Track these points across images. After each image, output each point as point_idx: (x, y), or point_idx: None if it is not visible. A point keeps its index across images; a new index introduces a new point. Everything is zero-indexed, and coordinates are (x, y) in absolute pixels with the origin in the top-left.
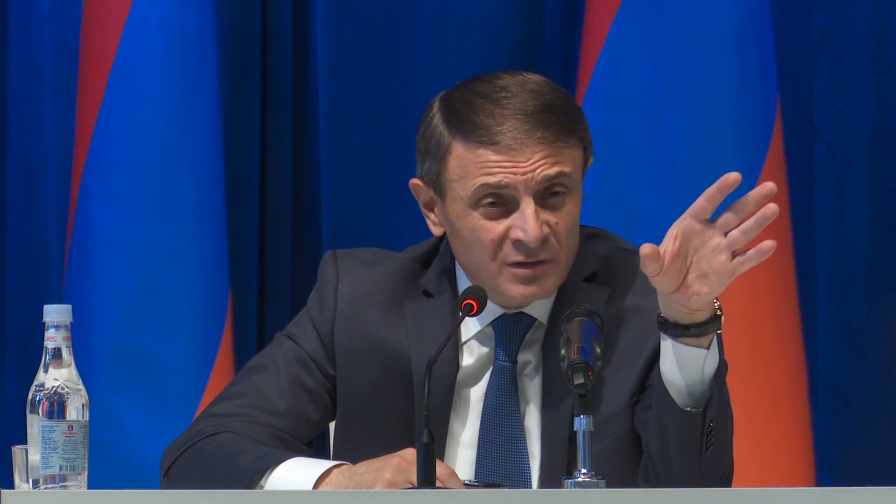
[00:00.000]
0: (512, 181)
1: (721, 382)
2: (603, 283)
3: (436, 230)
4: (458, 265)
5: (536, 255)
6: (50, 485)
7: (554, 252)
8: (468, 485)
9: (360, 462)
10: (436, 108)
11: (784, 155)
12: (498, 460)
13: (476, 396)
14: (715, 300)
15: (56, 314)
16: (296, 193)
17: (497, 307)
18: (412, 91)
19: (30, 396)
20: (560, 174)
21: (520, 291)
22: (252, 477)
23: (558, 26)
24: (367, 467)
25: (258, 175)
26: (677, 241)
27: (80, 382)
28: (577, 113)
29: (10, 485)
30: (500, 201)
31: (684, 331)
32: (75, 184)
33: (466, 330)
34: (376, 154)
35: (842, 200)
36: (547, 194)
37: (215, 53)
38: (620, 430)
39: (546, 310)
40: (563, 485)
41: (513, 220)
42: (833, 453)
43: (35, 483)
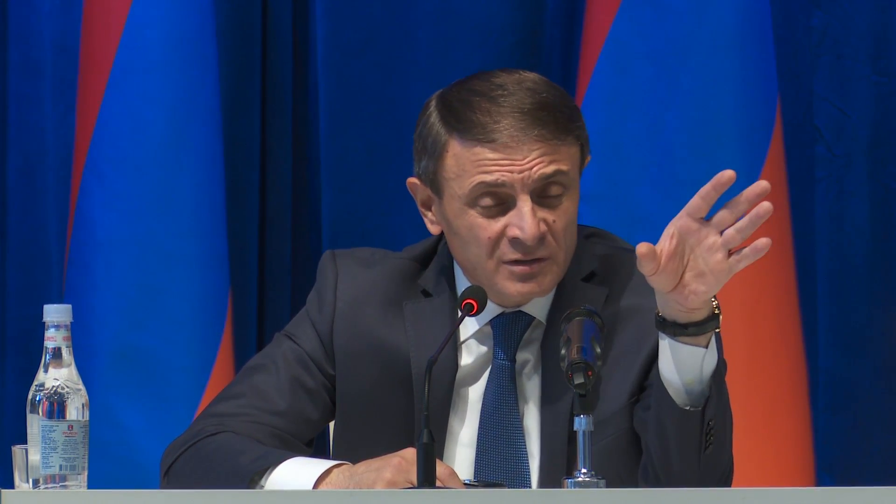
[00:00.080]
0: (509, 179)
1: (720, 381)
2: (601, 283)
3: (433, 229)
4: (457, 264)
5: (534, 253)
6: (50, 485)
7: (551, 250)
8: (468, 485)
9: (360, 462)
10: (433, 107)
11: (784, 155)
12: (497, 460)
13: (475, 395)
14: (713, 299)
15: (56, 314)
16: (296, 193)
17: (495, 306)
18: (412, 91)
19: (30, 396)
20: (557, 172)
21: (517, 289)
22: (252, 477)
23: (558, 26)
24: (368, 467)
25: (258, 175)
26: (674, 240)
27: (80, 382)
28: (574, 111)
29: (10, 485)
30: (498, 199)
31: (682, 330)
32: (75, 184)
33: (465, 329)
34: (376, 154)
35: (842, 200)
36: (544, 192)
37: (215, 53)
38: (619, 430)
39: (544, 308)
40: (564, 485)
41: (510, 218)
42: (833, 453)
43: (35, 483)
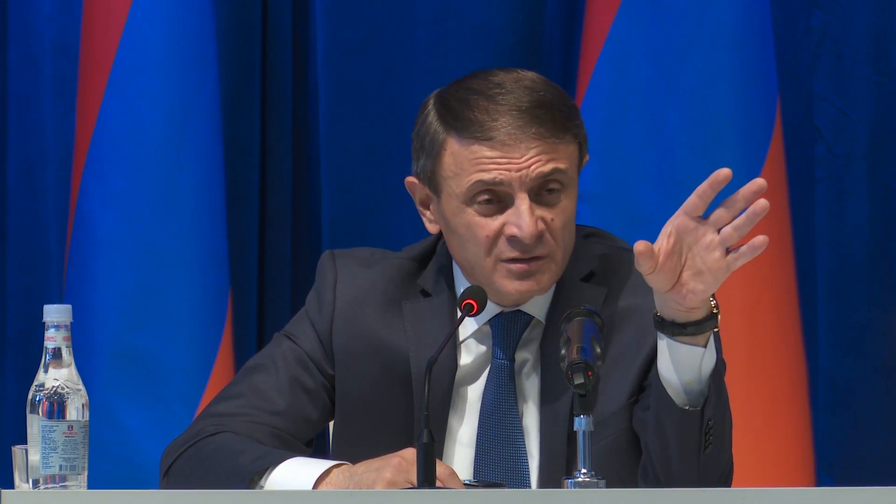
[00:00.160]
0: (506, 178)
1: (719, 381)
2: (600, 283)
3: (432, 228)
4: (456, 264)
5: (532, 252)
6: (50, 485)
7: (549, 248)
8: (468, 485)
9: (360, 462)
10: (431, 106)
11: (784, 155)
12: (496, 459)
13: (474, 395)
14: (711, 298)
15: (56, 314)
16: (296, 193)
17: (494, 305)
18: (412, 91)
19: (30, 396)
20: (555, 170)
21: (515, 287)
22: (252, 477)
23: (558, 26)
24: (367, 467)
25: (258, 175)
26: (671, 239)
27: (80, 382)
28: (572, 109)
29: (10, 485)
30: (495, 198)
31: (681, 329)
32: (75, 184)
33: (464, 329)
34: (376, 154)
35: (842, 200)
36: (542, 190)
37: (215, 53)
38: (619, 430)
39: (543, 308)
40: (564, 485)
41: (508, 217)
42: (833, 453)
43: (35, 483)
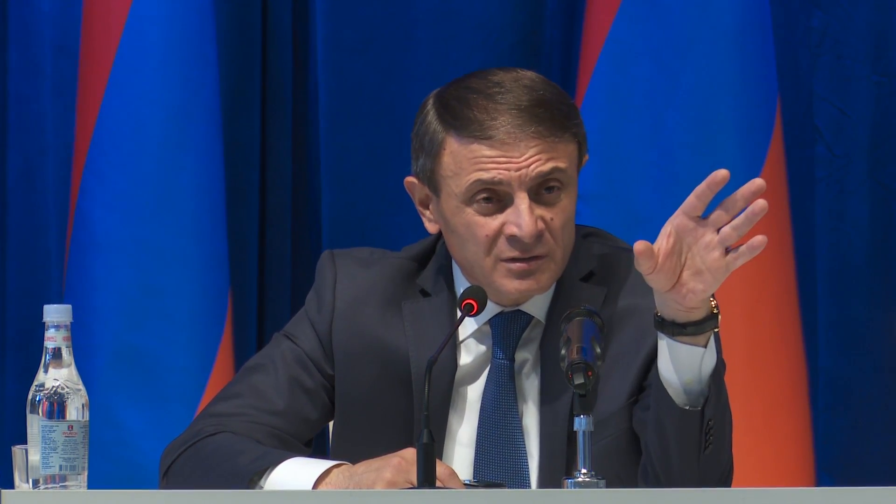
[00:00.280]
0: (506, 177)
1: (719, 381)
2: (600, 283)
3: (431, 228)
4: (455, 263)
5: (531, 251)
6: (50, 485)
7: (549, 247)
8: (468, 485)
9: (360, 462)
10: (430, 105)
11: (784, 155)
12: (496, 459)
13: (474, 395)
14: (711, 298)
15: (56, 314)
16: (296, 193)
17: (494, 305)
18: (412, 91)
19: (30, 396)
20: (554, 169)
21: (514, 286)
22: (251, 477)
23: (558, 26)
24: (367, 467)
25: (258, 175)
26: (671, 239)
27: (80, 382)
28: (572, 108)
29: (10, 485)
30: (495, 197)
31: (681, 329)
32: (75, 184)
33: (464, 328)
34: (376, 154)
35: (842, 200)
36: (541, 190)
37: (215, 53)
38: (619, 431)
39: (543, 308)
40: (564, 485)
41: (507, 216)
42: (833, 453)
43: (35, 483)
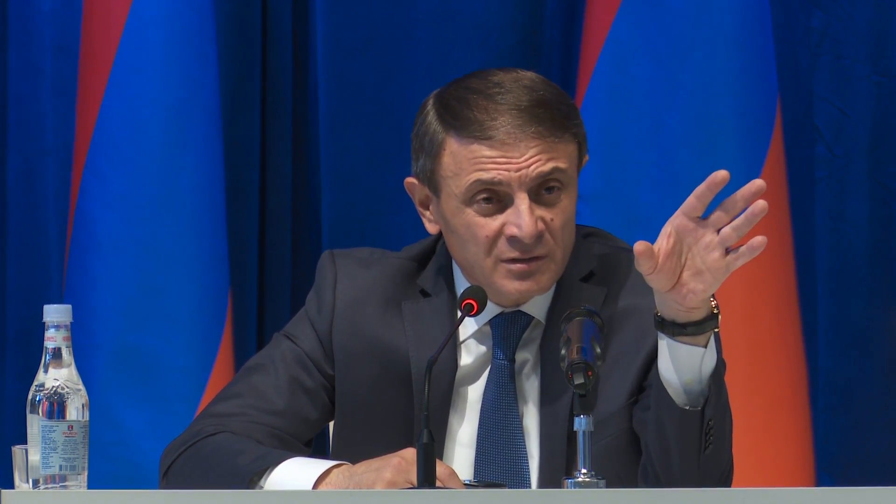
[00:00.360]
0: (506, 178)
1: (719, 381)
2: (600, 283)
3: (432, 228)
4: (455, 264)
5: (531, 252)
6: (50, 485)
7: (549, 248)
8: (468, 485)
9: (360, 462)
10: (430, 105)
11: (784, 155)
12: (496, 460)
13: (475, 395)
14: (712, 298)
15: (56, 314)
16: (296, 193)
17: (494, 306)
18: (412, 91)
19: (30, 396)
20: (555, 169)
21: (515, 287)
22: (251, 477)
23: (558, 26)
24: (367, 467)
25: (258, 175)
26: (671, 239)
27: (80, 382)
28: (572, 108)
29: (10, 485)
30: (495, 197)
31: (681, 329)
32: (75, 184)
33: (464, 329)
34: (376, 154)
35: (842, 200)
36: (541, 190)
37: (215, 53)
38: (619, 431)
39: (543, 308)
40: (564, 485)
41: (507, 217)
42: (833, 453)
43: (35, 483)
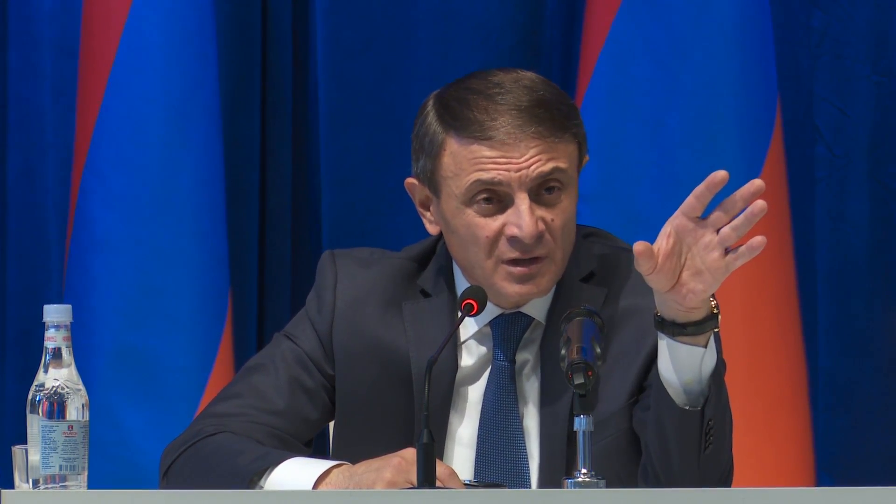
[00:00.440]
0: (506, 178)
1: (719, 381)
2: (600, 283)
3: (432, 229)
4: (455, 264)
5: (532, 252)
6: (50, 485)
7: (549, 248)
8: (468, 485)
9: (360, 462)
10: (430, 106)
11: (784, 155)
12: (496, 460)
13: (475, 396)
14: (711, 299)
15: (56, 314)
16: (296, 193)
17: (494, 307)
18: (412, 91)
19: (30, 396)
20: (555, 169)
21: (515, 290)
22: (251, 477)
23: (558, 26)
24: (367, 467)
25: (258, 175)
26: (670, 239)
27: (80, 382)
28: (572, 109)
29: (10, 485)
30: (495, 197)
31: (681, 329)
32: (75, 184)
33: (465, 330)
34: (376, 154)
35: (842, 200)
36: (542, 190)
37: (215, 53)
38: (619, 431)
39: (543, 309)
40: (564, 485)
41: (507, 217)
42: (833, 453)
43: (35, 483)
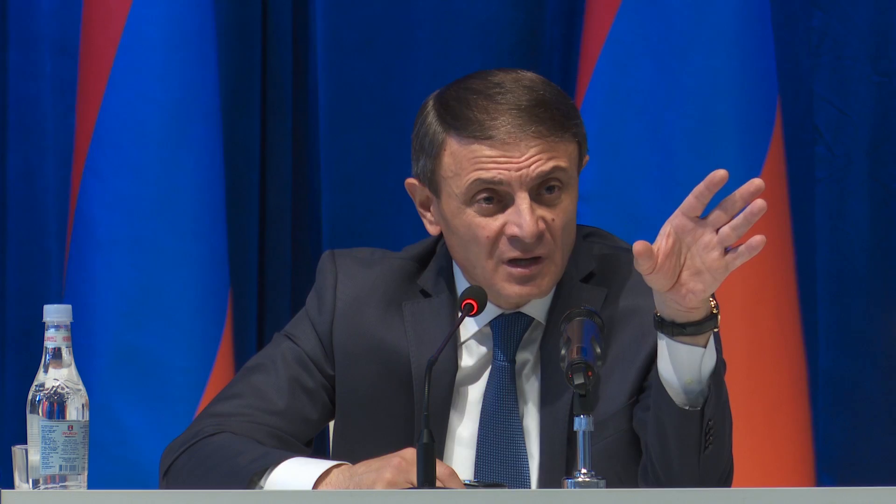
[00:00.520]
0: (506, 177)
1: (719, 381)
2: (600, 284)
3: (432, 229)
4: (456, 264)
5: (532, 251)
6: (50, 485)
7: (549, 248)
8: (468, 485)
9: (360, 462)
10: (430, 106)
11: (784, 155)
12: (496, 460)
13: (475, 396)
14: (711, 298)
15: (56, 314)
16: (296, 193)
17: (494, 307)
18: (412, 91)
19: (30, 396)
20: (555, 169)
21: (515, 291)
22: (251, 477)
23: (558, 26)
24: (367, 467)
25: (258, 175)
26: (670, 239)
27: (80, 382)
28: (572, 108)
29: (10, 485)
30: (496, 197)
31: (681, 329)
32: (75, 184)
33: (465, 330)
34: (376, 154)
35: (842, 200)
36: (542, 189)
37: (215, 53)
38: (619, 431)
39: (543, 309)
40: (564, 485)
41: (508, 216)
42: (833, 453)
43: (35, 483)
